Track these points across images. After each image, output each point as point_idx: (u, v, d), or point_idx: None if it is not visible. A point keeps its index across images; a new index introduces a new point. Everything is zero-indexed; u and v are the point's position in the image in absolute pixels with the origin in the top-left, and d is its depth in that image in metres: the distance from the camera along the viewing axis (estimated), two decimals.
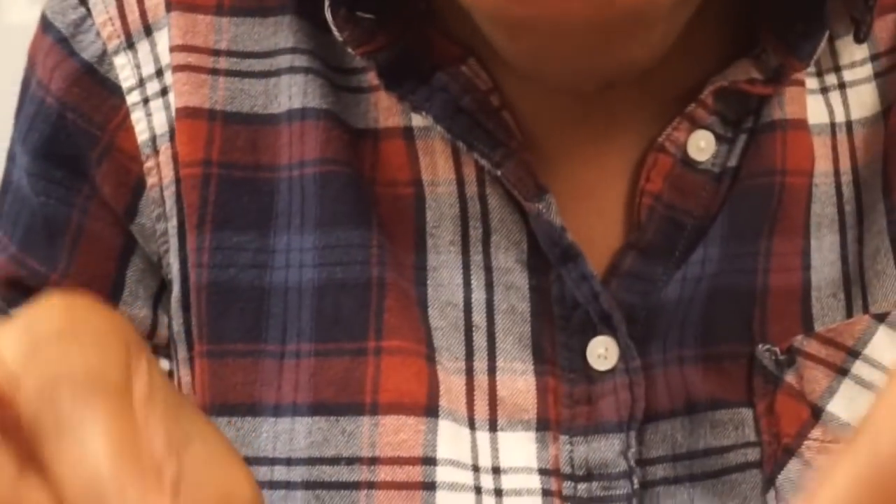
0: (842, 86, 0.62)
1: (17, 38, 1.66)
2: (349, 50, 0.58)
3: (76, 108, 0.64)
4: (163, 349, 0.64)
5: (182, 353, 0.63)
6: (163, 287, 0.64)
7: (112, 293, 0.64)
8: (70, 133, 0.64)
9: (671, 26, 0.55)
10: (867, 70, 0.62)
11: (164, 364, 0.64)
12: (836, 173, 0.61)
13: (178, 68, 0.62)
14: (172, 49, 0.62)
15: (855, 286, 0.61)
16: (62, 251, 0.64)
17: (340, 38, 0.58)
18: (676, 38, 0.56)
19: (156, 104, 0.63)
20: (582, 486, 0.58)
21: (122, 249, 0.64)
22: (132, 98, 0.63)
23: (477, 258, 0.60)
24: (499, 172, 0.58)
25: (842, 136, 0.61)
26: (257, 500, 0.35)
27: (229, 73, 0.62)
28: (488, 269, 0.60)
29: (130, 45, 0.63)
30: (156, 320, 0.64)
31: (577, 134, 0.61)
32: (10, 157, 0.67)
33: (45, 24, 0.66)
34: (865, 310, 0.61)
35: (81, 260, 0.64)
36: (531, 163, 0.59)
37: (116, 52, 0.63)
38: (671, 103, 0.60)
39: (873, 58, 0.62)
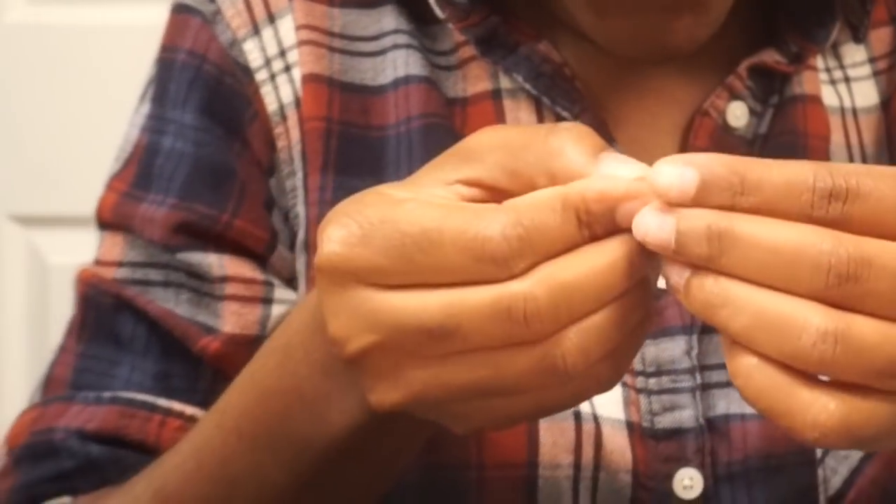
0: (847, 80, 0.76)
1: (17, 38, 1.68)
2: (448, 26, 0.73)
3: (233, 73, 0.75)
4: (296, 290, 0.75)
5: (302, 287, 0.74)
6: (293, 239, 0.75)
7: (272, 234, 0.74)
8: (228, 95, 0.75)
9: (722, 9, 0.70)
10: (867, 70, 0.76)
11: (294, 297, 0.74)
12: (849, 146, 0.74)
13: (302, 42, 0.75)
14: (298, 27, 0.75)
15: None
16: (230, 195, 0.74)
17: (443, 16, 0.72)
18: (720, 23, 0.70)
19: (281, 79, 0.75)
20: (653, 381, 0.69)
21: (268, 200, 0.75)
22: (260, 76, 0.75)
23: None
24: (578, 122, 0.70)
25: (850, 119, 0.75)
26: None
27: (343, 52, 0.75)
28: None
29: (256, 31, 0.76)
30: (294, 265, 0.75)
31: (633, 102, 0.74)
32: (156, 129, 0.77)
33: (187, 8, 0.77)
34: None
35: (248, 203, 0.74)
36: (603, 116, 0.72)
37: (245, 39, 0.75)
38: (710, 80, 0.74)
39: (871, 60, 0.76)
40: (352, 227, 0.52)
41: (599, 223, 0.50)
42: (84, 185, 0.83)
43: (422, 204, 0.51)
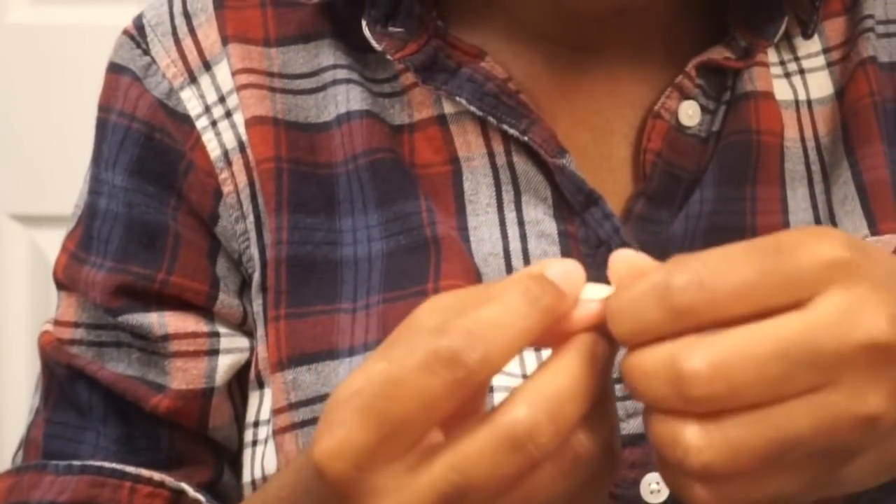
0: (801, 71, 0.76)
1: (17, 38, 1.68)
2: (387, 57, 0.73)
3: (162, 128, 0.76)
4: (250, 334, 0.76)
5: (259, 330, 0.74)
6: (244, 283, 0.76)
7: (212, 284, 0.75)
8: (159, 151, 0.76)
9: None
10: (821, 60, 0.76)
11: (245, 343, 0.75)
12: (802, 139, 0.75)
13: (242, 87, 0.75)
14: (236, 72, 0.75)
15: (826, 226, 0.73)
16: (164, 252, 0.75)
17: (379, 48, 0.73)
18: (662, 22, 0.72)
19: (223, 125, 0.75)
20: (617, 387, 0.67)
21: (211, 249, 0.75)
22: (201, 123, 0.75)
23: (511, 215, 0.73)
24: (526, 138, 0.71)
25: (804, 111, 0.75)
26: None
27: (284, 92, 0.75)
28: (521, 223, 0.72)
29: (193, 80, 0.76)
30: (245, 309, 0.76)
31: (584, 105, 0.75)
32: (94, 191, 0.78)
33: (118, 68, 0.78)
34: None
35: (183, 258, 0.75)
36: (551, 127, 0.72)
37: (182, 87, 0.76)
38: (661, 79, 0.74)
39: (825, 51, 0.76)
40: (335, 417, 0.51)
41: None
42: (84, 184, 0.84)
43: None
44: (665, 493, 0.68)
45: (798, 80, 0.76)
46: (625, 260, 0.53)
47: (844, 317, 0.49)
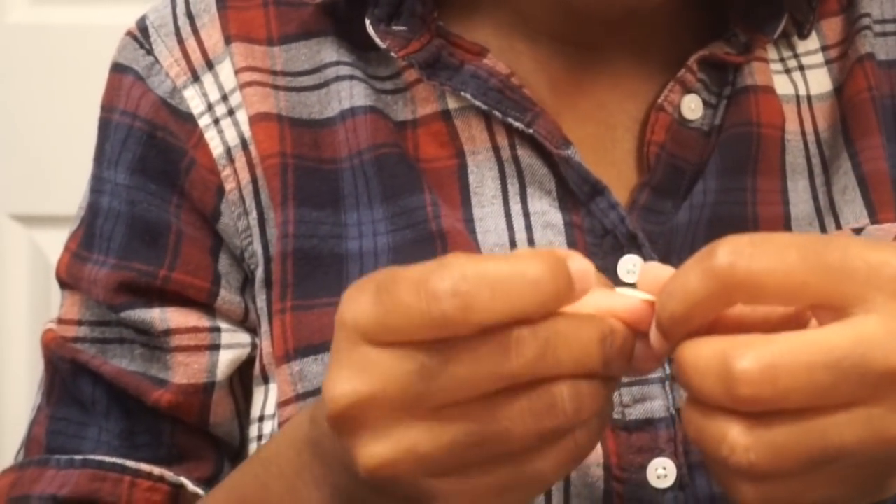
0: (801, 68, 0.77)
1: (17, 38, 1.68)
2: (391, 55, 0.73)
3: (165, 126, 0.76)
4: (252, 331, 0.76)
5: (264, 326, 0.74)
6: (246, 279, 0.76)
7: (213, 281, 0.76)
8: (161, 149, 0.76)
9: None
10: (819, 58, 0.77)
11: (247, 339, 0.76)
12: (803, 133, 0.76)
13: (245, 84, 0.76)
14: (239, 70, 0.76)
15: (827, 217, 0.75)
16: (166, 249, 0.76)
17: (383, 46, 0.73)
18: (664, 19, 0.72)
19: (225, 122, 0.76)
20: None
21: (213, 246, 0.76)
22: (203, 121, 0.76)
23: (516, 207, 0.73)
24: (531, 130, 0.72)
25: (804, 106, 0.76)
26: None
27: (287, 89, 0.76)
28: (527, 215, 0.73)
29: (196, 79, 0.77)
30: (246, 306, 0.76)
31: (588, 99, 0.75)
32: (96, 189, 0.78)
33: (121, 68, 0.79)
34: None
35: (185, 255, 0.76)
36: (556, 119, 0.73)
37: (185, 86, 0.76)
38: (664, 74, 0.75)
39: (823, 49, 0.78)
40: (360, 287, 0.52)
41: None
42: (85, 184, 0.84)
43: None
44: (672, 477, 0.68)
45: (798, 76, 0.77)
46: (652, 272, 0.54)
47: (894, 334, 0.49)
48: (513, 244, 0.72)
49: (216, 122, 0.76)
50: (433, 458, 0.51)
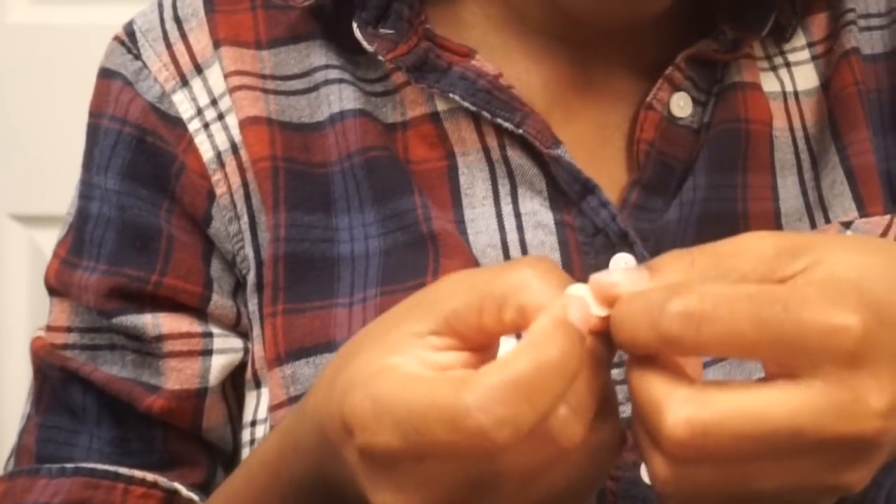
0: (787, 65, 0.77)
1: (17, 38, 1.68)
2: (379, 58, 0.73)
3: (154, 131, 0.76)
4: (244, 335, 0.76)
5: (255, 330, 0.74)
6: (238, 284, 0.76)
7: (205, 285, 0.75)
8: (151, 154, 0.76)
9: None
10: (806, 54, 0.78)
11: (239, 344, 0.76)
12: (791, 129, 0.76)
13: (235, 88, 0.75)
14: (228, 74, 0.76)
15: (817, 212, 0.75)
16: (157, 255, 0.75)
17: (371, 50, 0.73)
18: (655, 18, 0.72)
19: (215, 127, 0.75)
20: (615, 371, 0.68)
21: (204, 250, 0.76)
22: (193, 125, 0.76)
23: (507, 208, 0.73)
24: (520, 131, 0.72)
25: (792, 102, 0.77)
26: None
27: (276, 93, 0.76)
28: (518, 215, 0.73)
29: (185, 83, 0.76)
30: (238, 310, 0.76)
31: (578, 98, 0.76)
32: (85, 195, 0.78)
33: (109, 73, 0.78)
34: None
35: (176, 260, 0.75)
36: (545, 119, 0.73)
37: (174, 91, 0.76)
38: (653, 72, 0.75)
39: (810, 45, 0.78)
40: (367, 407, 0.52)
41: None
42: None
43: (408, 379, 0.52)
44: None
45: (784, 73, 0.77)
46: (600, 285, 0.52)
47: (836, 406, 0.48)
48: (504, 245, 0.72)
49: (206, 126, 0.75)
50: None
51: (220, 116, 0.75)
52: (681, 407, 0.48)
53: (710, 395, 0.49)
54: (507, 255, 0.72)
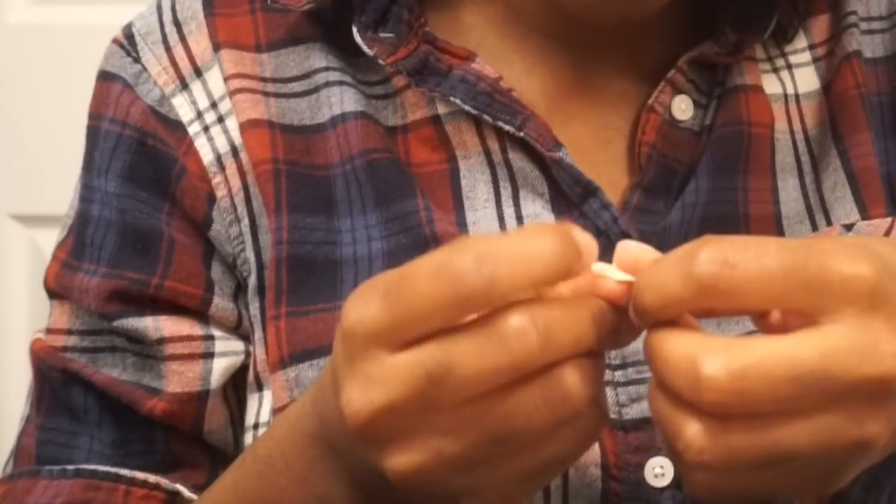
0: (789, 67, 0.77)
1: (17, 38, 1.68)
2: (379, 62, 0.73)
3: (154, 134, 0.76)
4: (245, 338, 0.76)
5: (257, 333, 0.74)
6: (239, 286, 0.76)
7: (206, 288, 0.75)
8: (151, 157, 0.76)
9: None
10: (807, 56, 0.78)
11: (241, 347, 0.75)
12: (792, 132, 0.76)
13: (235, 91, 0.75)
14: (228, 77, 0.76)
15: (818, 214, 0.75)
16: (158, 258, 0.75)
17: (371, 54, 0.73)
18: (656, 20, 0.72)
19: (215, 130, 0.75)
20: (619, 373, 0.70)
21: (205, 253, 0.75)
22: (193, 128, 0.76)
23: (509, 210, 0.73)
24: (522, 133, 0.72)
25: (793, 105, 0.77)
26: None
27: (277, 96, 0.76)
28: (520, 218, 0.73)
29: (185, 86, 0.76)
30: (239, 313, 0.76)
31: (579, 101, 0.75)
32: (86, 198, 0.78)
33: (109, 76, 0.78)
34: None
35: (177, 262, 0.75)
36: (546, 122, 0.73)
37: (173, 94, 0.76)
38: (654, 75, 0.75)
39: (811, 47, 0.78)
40: (364, 294, 0.53)
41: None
42: None
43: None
44: (669, 476, 0.69)
45: (786, 75, 0.77)
46: (628, 250, 0.55)
47: (858, 348, 0.50)
48: None
49: (206, 129, 0.75)
50: (459, 459, 0.52)
51: (220, 119, 0.75)
52: (717, 355, 0.50)
53: (742, 344, 0.50)
54: None
